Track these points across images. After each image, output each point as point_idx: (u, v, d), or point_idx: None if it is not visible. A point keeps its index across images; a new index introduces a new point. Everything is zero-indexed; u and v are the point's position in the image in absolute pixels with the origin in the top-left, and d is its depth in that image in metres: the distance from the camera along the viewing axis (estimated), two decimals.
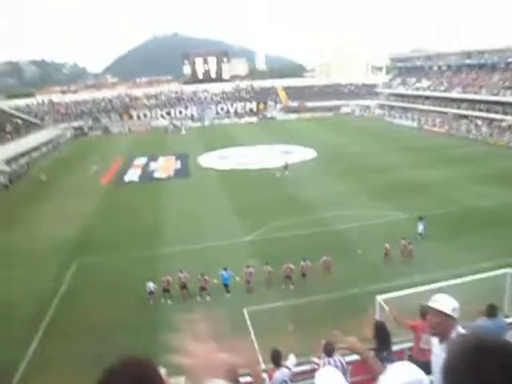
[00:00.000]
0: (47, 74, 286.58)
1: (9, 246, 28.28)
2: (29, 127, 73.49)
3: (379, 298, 13.56)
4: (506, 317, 9.62)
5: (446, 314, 3.79)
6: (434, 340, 4.01)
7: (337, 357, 7.71)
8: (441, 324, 3.82)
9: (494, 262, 18.93)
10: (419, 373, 2.37)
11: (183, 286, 20.49)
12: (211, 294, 20.45)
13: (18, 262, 25.49)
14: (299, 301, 19.30)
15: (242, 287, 20.95)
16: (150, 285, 20.15)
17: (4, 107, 78.31)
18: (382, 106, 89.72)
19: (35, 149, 66.34)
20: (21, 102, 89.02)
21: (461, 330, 3.87)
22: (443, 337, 3.87)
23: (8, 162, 55.40)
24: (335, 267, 21.67)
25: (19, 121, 74.96)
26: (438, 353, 3.82)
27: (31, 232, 30.67)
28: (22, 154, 60.68)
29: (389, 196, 33.20)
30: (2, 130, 65.22)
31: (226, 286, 20.74)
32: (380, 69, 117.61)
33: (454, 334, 3.82)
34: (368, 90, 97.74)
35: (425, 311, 8.47)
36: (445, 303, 3.84)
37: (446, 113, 70.05)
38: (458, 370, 1.29)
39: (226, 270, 20.87)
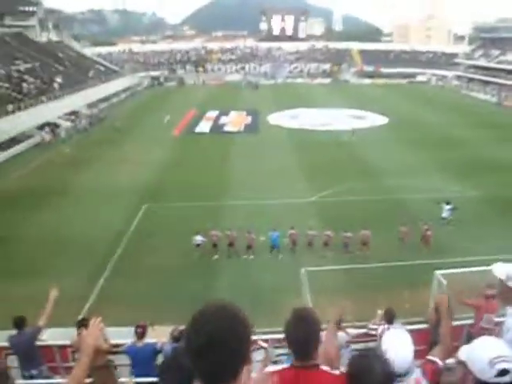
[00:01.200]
0: (128, 23, 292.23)
1: (86, 185, 30.19)
2: (109, 74, 76.29)
3: (438, 272, 13.31)
4: None
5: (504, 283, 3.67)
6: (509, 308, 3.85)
7: (397, 324, 7.73)
8: (503, 293, 3.70)
9: None
10: (507, 348, 2.36)
11: (231, 244, 20.45)
12: (258, 254, 20.53)
13: (93, 200, 27.26)
14: (351, 266, 19.15)
15: (293, 249, 20.94)
16: (198, 238, 20.24)
17: (88, 53, 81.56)
18: (459, 78, 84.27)
19: (114, 95, 69.10)
20: (103, 50, 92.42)
21: None
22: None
23: (90, 106, 58.23)
24: (395, 235, 21.36)
25: (101, 67, 77.93)
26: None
27: (107, 173, 32.52)
28: (103, 100, 63.48)
29: (460, 172, 31.48)
30: (85, 75, 68.16)
31: (274, 247, 20.48)
32: (462, 38, 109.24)
33: None
34: (447, 60, 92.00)
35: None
36: (500, 270, 3.71)
37: None
38: None
39: (274, 230, 20.57)
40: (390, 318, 7.81)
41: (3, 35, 63.29)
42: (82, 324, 7.76)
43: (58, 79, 59.46)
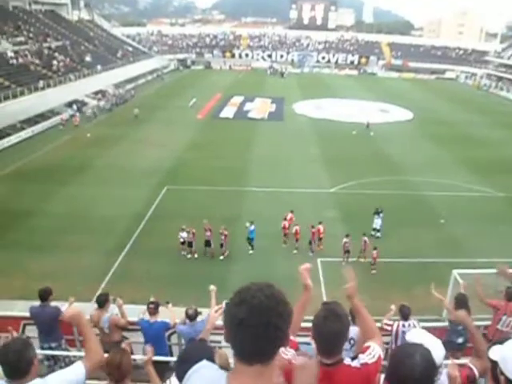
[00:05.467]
0: (158, 5, 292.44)
1: (110, 163, 30.69)
2: (137, 55, 76.73)
3: (455, 272, 13.16)
4: None
5: None
6: None
7: (412, 321, 7.75)
8: None
9: None
10: None
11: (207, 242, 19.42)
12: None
13: (116, 179, 27.77)
14: (368, 260, 18.98)
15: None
16: (183, 234, 19.38)
17: (117, 34, 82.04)
18: (489, 76, 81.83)
19: (141, 76, 69.51)
20: (132, 30, 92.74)
21: None
22: None
23: (116, 86, 58.74)
24: (414, 231, 21.26)
25: (129, 48, 78.40)
26: None
27: (131, 154, 32.94)
28: (129, 80, 63.94)
29: (484, 172, 30.75)
30: (114, 55, 68.71)
31: (250, 239, 19.72)
32: (494, 35, 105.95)
33: None
34: (477, 58, 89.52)
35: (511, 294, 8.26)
36: None
37: None
38: None
39: (252, 223, 19.81)
40: (405, 315, 7.82)
41: (36, 12, 64.10)
42: (101, 299, 7.98)
43: (88, 58, 60.11)
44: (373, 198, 25.31)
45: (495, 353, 2.40)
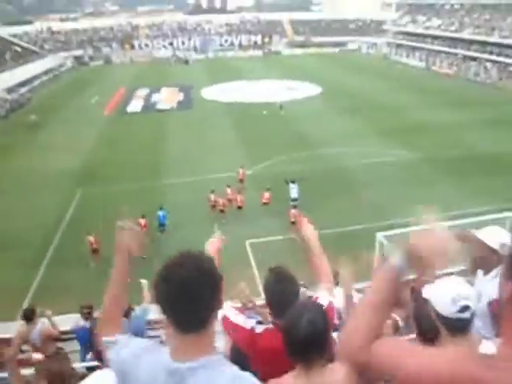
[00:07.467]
0: (44, 1, 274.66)
1: (13, 174, 28.59)
2: (28, 55, 71.82)
3: (380, 234, 13.56)
4: None
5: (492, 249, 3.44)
6: (479, 272, 3.70)
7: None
8: (487, 259, 3.49)
9: (491, 207, 18.05)
10: (468, 287, 2.44)
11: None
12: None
13: (24, 191, 25.84)
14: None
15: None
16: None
17: (2, 34, 76.02)
18: (389, 44, 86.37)
19: (36, 78, 65.26)
20: (19, 30, 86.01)
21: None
22: (487, 271, 3.52)
23: (9, 90, 54.70)
24: (336, 202, 22.14)
25: (18, 48, 73.13)
26: (483, 285, 3.40)
27: (36, 160, 30.79)
28: (23, 83, 59.77)
29: (395, 136, 32.59)
30: (2, 58, 63.82)
31: (162, 225, 20.31)
32: (390, 5, 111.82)
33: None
34: (376, 27, 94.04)
35: None
36: (493, 237, 3.49)
37: (455, 54, 67.28)
38: None
39: (161, 209, 20.46)
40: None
41: None
42: (28, 313, 7.49)
43: None
44: (291, 175, 25.79)
45: (427, 291, 2.56)
